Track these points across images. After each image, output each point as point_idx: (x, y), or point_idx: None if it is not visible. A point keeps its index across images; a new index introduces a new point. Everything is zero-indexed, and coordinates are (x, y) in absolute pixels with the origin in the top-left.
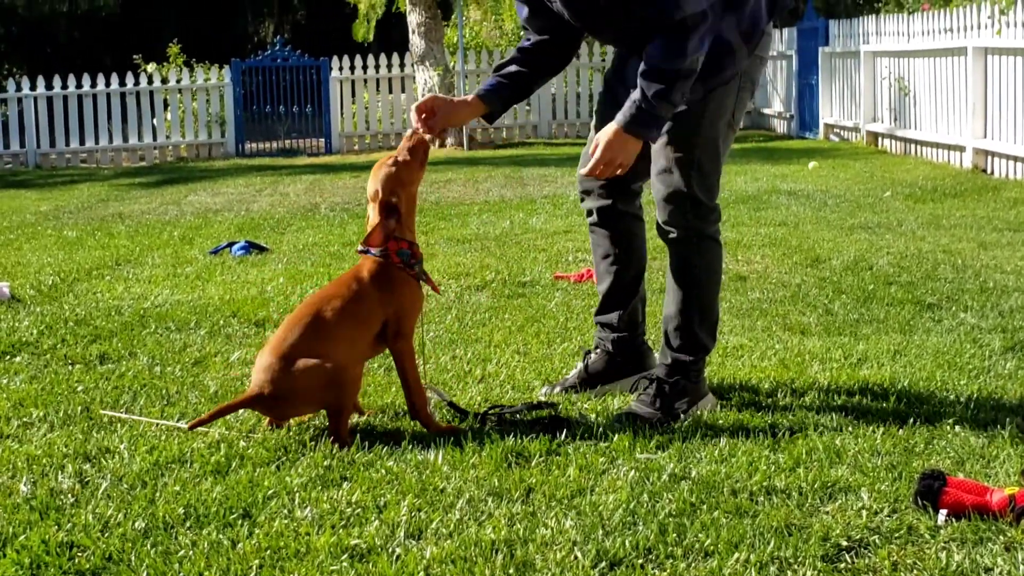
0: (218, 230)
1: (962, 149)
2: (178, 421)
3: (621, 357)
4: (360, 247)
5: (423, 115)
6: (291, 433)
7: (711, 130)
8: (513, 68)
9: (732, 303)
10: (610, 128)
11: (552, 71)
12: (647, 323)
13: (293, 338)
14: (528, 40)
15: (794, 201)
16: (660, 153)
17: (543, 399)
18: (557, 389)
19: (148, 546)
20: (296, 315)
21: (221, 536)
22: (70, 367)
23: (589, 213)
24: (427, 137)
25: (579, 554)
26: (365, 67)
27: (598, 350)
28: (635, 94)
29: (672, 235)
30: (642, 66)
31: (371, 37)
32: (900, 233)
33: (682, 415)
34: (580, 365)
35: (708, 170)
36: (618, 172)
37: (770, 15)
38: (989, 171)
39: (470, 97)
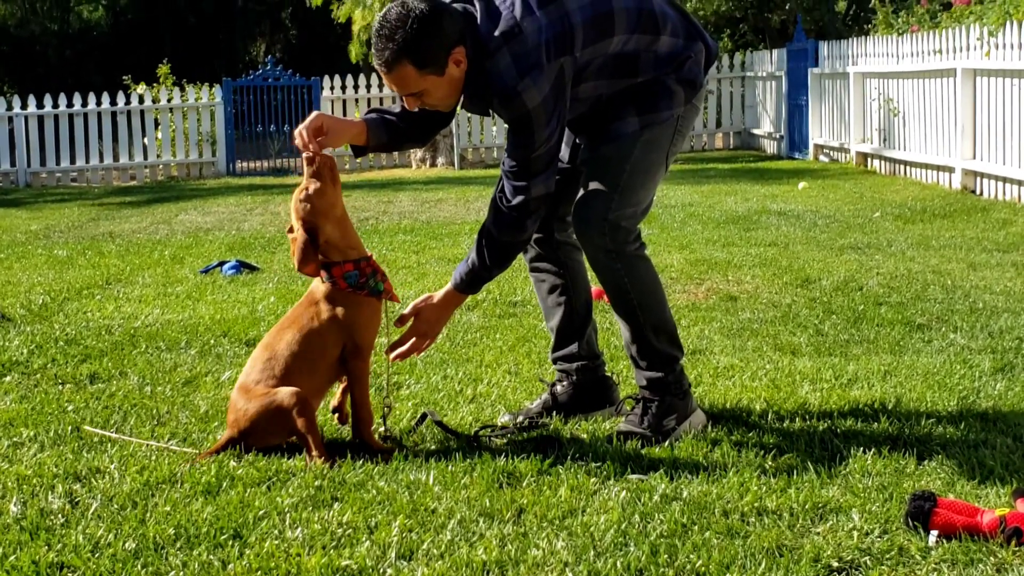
0: (209, 249)
1: (951, 170)
2: (168, 441)
3: (588, 388)
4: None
5: (315, 136)
6: (281, 454)
7: (642, 159)
8: (391, 117)
9: (723, 323)
10: (438, 296)
11: (420, 140)
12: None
13: (253, 374)
14: (396, 109)
15: (784, 221)
16: (588, 176)
17: (505, 425)
18: (520, 418)
19: (139, 567)
20: (256, 350)
21: (212, 557)
22: (60, 387)
23: (524, 251)
24: (327, 152)
25: (570, 575)
26: (356, 86)
27: (563, 382)
28: (472, 257)
29: (593, 259)
30: (483, 228)
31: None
32: (890, 254)
33: (672, 432)
34: (545, 396)
35: (631, 197)
36: (425, 344)
37: (705, 71)
38: (978, 192)
39: (356, 119)
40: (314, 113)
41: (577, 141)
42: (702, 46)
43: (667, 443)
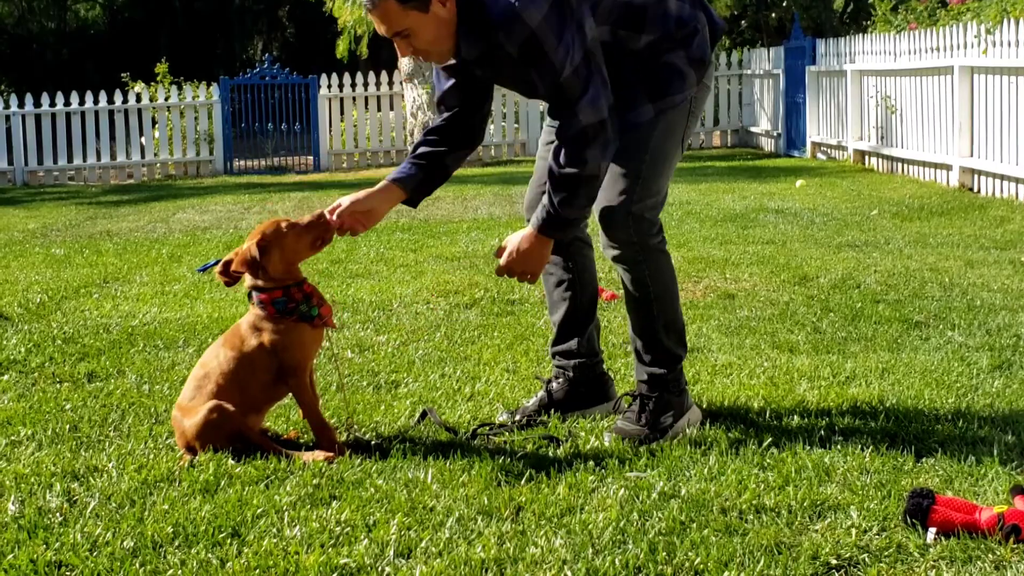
0: (206, 248)
1: (949, 167)
2: (166, 440)
3: (584, 385)
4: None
5: (362, 220)
6: (280, 453)
7: (660, 147)
8: (425, 149)
9: (720, 321)
10: (524, 232)
11: (468, 144)
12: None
13: (187, 392)
14: (440, 118)
15: (782, 219)
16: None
17: (503, 422)
18: (518, 417)
19: (137, 565)
20: (194, 368)
21: (210, 555)
22: (58, 385)
23: None
24: (332, 220)
25: (569, 573)
26: (354, 85)
27: (559, 379)
28: (544, 199)
29: (616, 252)
30: (549, 169)
31: (363, 53)
32: (887, 251)
33: (669, 429)
34: (541, 393)
35: (652, 187)
36: (527, 280)
37: (713, 45)
38: (976, 189)
39: (383, 184)
40: (347, 200)
41: None
42: (706, 19)
43: (664, 440)
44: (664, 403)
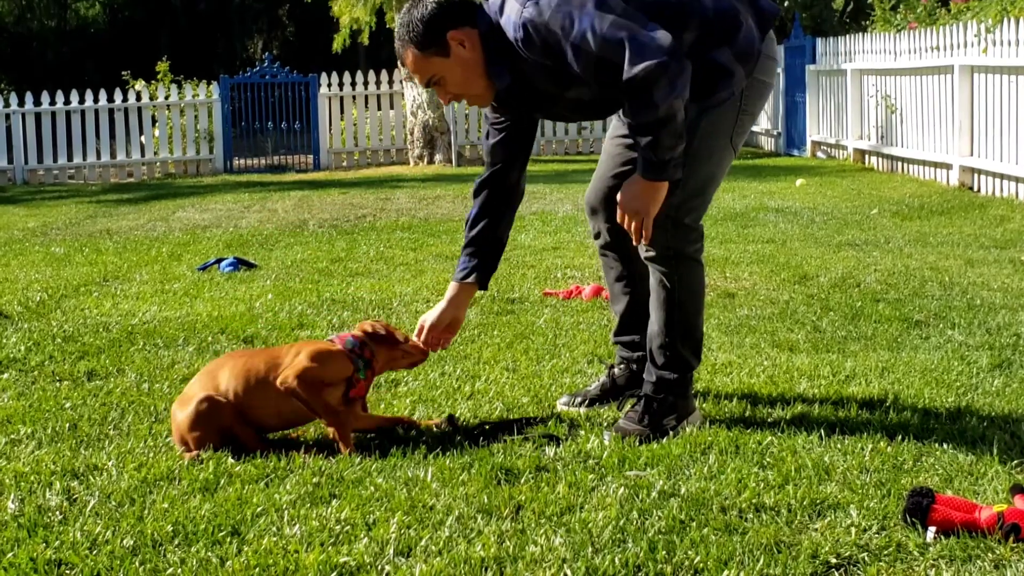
0: (206, 246)
1: (949, 167)
2: (166, 439)
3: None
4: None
5: (445, 333)
6: (279, 451)
7: (703, 147)
8: (473, 233)
9: (720, 320)
10: (632, 178)
11: (509, 203)
12: None
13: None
14: (485, 174)
15: (782, 218)
16: None
17: (564, 408)
18: (578, 400)
19: (136, 564)
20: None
21: (210, 554)
22: (58, 384)
23: (597, 235)
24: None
25: (568, 571)
26: (354, 84)
27: (622, 366)
28: (638, 145)
29: (650, 254)
30: (627, 124)
31: (366, 40)
32: (887, 250)
33: (671, 431)
34: (604, 378)
35: (693, 190)
36: (641, 221)
37: (762, 34)
38: (976, 188)
39: (453, 289)
40: (428, 322)
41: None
42: (750, 7)
43: (664, 440)
44: (669, 405)
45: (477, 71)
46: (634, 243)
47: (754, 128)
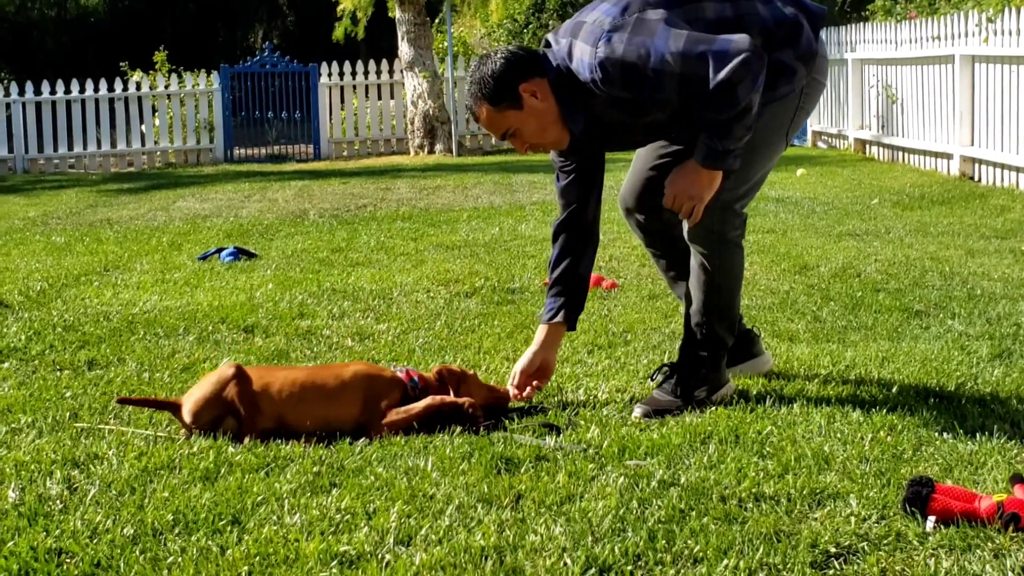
0: (207, 236)
1: (949, 156)
2: (166, 428)
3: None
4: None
5: (534, 378)
6: (280, 440)
7: (760, 141)
8: (556, 273)
9: None
10: (686, 165)
11: (588, 240)
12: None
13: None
14: (561, 216)
15: (782, 208)
16: None
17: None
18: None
19: (137, 552)
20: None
21: (210, 543)
22: (58, 373)
23: (639, 232)
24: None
25: (568, 560)
26: (354, 73)
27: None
28: (703, 136)
29: (695, 236)
30: (702, 118)
31: (360, 34)
32: (888, 240)
33: (702, 403)
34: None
35: (747, 179)
36: (695, 206)
37: (816, 33)
38: (976, 178)
39: (541, 331)
40: (518, 369)
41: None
42: (803, 11)
43: (665, 429)
44: (701, 378)
45: (551, 119)
46: (681, 220)
47: None
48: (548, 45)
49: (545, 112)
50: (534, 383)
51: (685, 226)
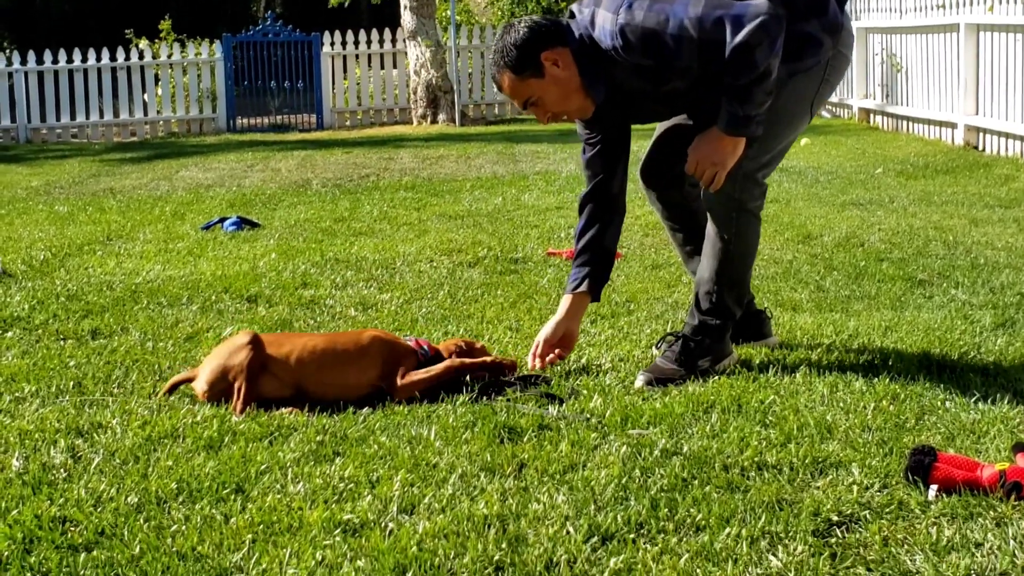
0: (210, 206)
1: (954, 126)
2: (169, 398)
3: (740, 322)
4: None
5: (556, 347)
6: (284, 410)
7: (784, 111)
8: (581, 244)
9: None
10: (709, 133)
11: (613, 211)
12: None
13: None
14: (587, 188)
15: (786, 178)
16: None
17: (671, 335)
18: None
19: (141, 521)
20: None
21: (214, 511)
22: (62, 342)
23: (657, 207)
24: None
25: (571, 529)
26: (357, 42)
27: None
28: (724, 103)
29: (713, 204)
30: (723, 83)
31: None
32: (892, 210)
33: (705, 372)
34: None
35: (770, 148)
36: (718, 172)
37: (841, 8)
38: (981, 148)
39: (565, 301)
40: (541, 338)
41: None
42: None
43: (668, 397)
44: (705, 347)
45: (573, 87)
46: (703, 187)
47: None
48: (573, 16)
49: (567, 81)
50: (556, 351)
51: (704, 195)
